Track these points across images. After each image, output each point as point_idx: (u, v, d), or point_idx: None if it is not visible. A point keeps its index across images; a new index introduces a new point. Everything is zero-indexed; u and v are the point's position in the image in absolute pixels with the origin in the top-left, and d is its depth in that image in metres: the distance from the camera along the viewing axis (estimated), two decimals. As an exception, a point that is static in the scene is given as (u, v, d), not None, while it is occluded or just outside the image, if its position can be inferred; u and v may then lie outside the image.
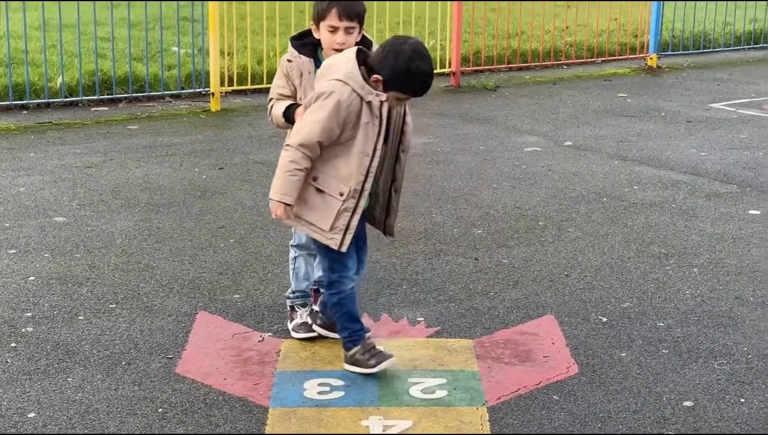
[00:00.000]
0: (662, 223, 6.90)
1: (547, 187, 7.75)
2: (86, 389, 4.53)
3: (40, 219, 6.84)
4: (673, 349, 4.99)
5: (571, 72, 13.13)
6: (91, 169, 8.09)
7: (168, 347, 4.97)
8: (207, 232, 6.64)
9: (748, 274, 5.97)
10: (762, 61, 14.24)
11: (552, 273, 5.98)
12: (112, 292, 5.62)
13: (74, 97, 10.45)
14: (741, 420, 4.32)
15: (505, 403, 4.45)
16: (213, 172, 8.10)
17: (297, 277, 5.14)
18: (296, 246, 5.13)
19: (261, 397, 4.48)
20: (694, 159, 8.66)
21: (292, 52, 4.87)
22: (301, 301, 5.13)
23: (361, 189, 4.49)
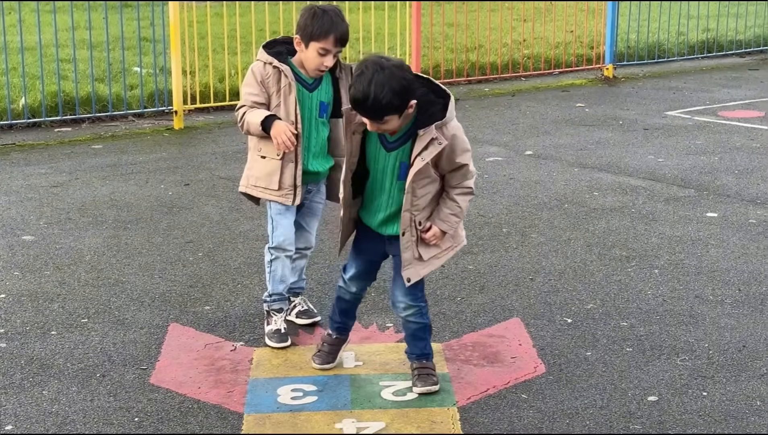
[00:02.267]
0: (623, 227, 7.04)
1: (509, 195, 7.88)
2: (62, 401, 4.59)
3: (8, 238, 6.88)
4: (636, 347, 5.12)
5: (529, 84, 13.31)
6: (56, 189, 8.14)
7: (141, 359, 5.03)
8: (175, 246, 6.71)
9: (707, 274, 6.12)
10: (715, 69, 14.49)
11: (517, 277, 6.10)
12: (84, 307, 5.67)
13: (37, 118, 10.48)
14: (704, 413, 4.45)
15: (475, 402, 4.56)
16: (179, 188, 8.17)
17: (273, 280, 5.21)
18: (273, 248, 5.18)
19: (235, 404, 4.56)
20: (652, 165, 8.83)
21: (270, 60, 4.95)
22: (277, 305, 5.21)
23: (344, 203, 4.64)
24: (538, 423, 4.36)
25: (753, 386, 4.68)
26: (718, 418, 4.40)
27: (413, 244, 4.48)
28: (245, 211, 7.43)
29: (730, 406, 4.50)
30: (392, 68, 4.19)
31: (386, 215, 4.53)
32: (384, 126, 4.28)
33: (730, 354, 5.03)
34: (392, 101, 4.17)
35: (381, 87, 4.13)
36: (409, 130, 4.36)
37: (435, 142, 4.28)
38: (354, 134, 4.41)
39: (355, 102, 4.22)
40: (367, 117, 4.26)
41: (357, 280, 4.76)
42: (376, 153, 4.44)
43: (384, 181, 4.47)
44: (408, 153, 4.37)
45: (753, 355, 5.02)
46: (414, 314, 4.62)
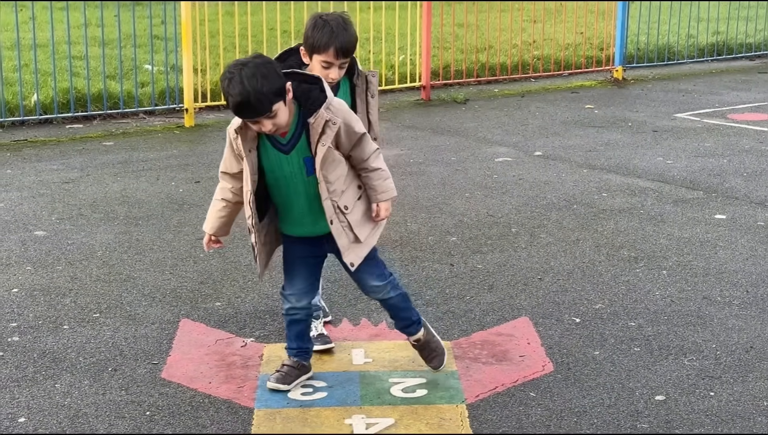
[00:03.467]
0: (631, 228, 7.07)
1: (518, 195, 7.91)
2: (74, 394, 4.63)
3: (20, 233, 6.93)
4: (644, 346, 5.15)
5: (538, 85, 13.34)
6: (68, 185, 8.19)
7: (153, 353, 5.07)
8: (186, 243, 6.75)
9: (715, 275, 6.15)
10: (725, 72, 14.50)
11: (526, 277, 6.13)
12: (95, 302, 5.72)
13: (49, 115, 10.54)
14: (711, 412, 4.48)
15: (484, 400, 4.59)
16: (189, 185, 8.22)
17: None
18: None
19: (246, 399, 4.60)
20: (660, 167, 8.85)
21: None
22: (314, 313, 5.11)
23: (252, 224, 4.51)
24: (546, 421, 4.39)
25: (760, 387, 4.71)
26: (725, 418, 4.43)
27: (345, 228, 4.45)
28: (256, 209, 7.47)
29: (737, 407, 4.53)
30: (252, 60, 4.18)
31: (311, 217, 4.47)
32: (277, 120, 4.21)
33: (738, 355, 5.06)
34: (272, 86, 4.13)
35: (254, 79, 4.09)
36: (297, 125, 4.33)
37: (330, 124, 4.28)
38: (250, 151, 4.33)
39: (239, 106, 4.14)
40: (256, 115, 4.17)
41: (303, 293, 4.63)
42: (278, 161, 4.37)
43: (296, 184, 4.41)
44: (306, 147, 4.34)
45: (760, 355, 5.04)
46: (389, 289, 4.66)
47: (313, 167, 4.35)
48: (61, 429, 4.31)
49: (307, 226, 4.50)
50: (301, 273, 4.62)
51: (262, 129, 4.23)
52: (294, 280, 4.62)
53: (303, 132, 4.34)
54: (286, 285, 4.65)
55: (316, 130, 4.29)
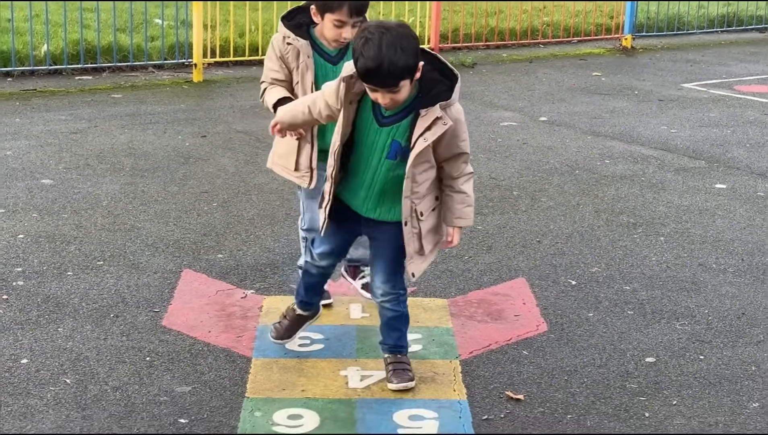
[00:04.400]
0: (632, 195, 7.14)
1: (521, 159, 7.98)
2: (76, 338, 4.73)
3: (27, 181, 7.01)
4: (637, 310, 5.23)
5: (547, 51, 13.35)
6: (76, 135, 8.26)
7: (154, 302, 5.17)
8: (191, 196, 6.84)
9: (712, 243, 6.22)
10: (734, 43, 14.49)
11: (525, 239, 6.21)
12: (100, 250, 5.81)
13: (59, 66, 10.60)
14: (699, 375, 4.56)
15: (477, 356, 4.68)
16: (196, 139, 8.29)
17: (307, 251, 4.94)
18: (305, 230, 4.93)
19: (244, 349, 4.69)
20: (664, 135, 8.90)
21: (288, 34, 4.66)
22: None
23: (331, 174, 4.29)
24: (537, 378, 4.48)
25: (749, 352, 4.80)
26: (713, 381, 4.51)
27: (415, 236, 4.23)
28: (260, 165, 7.54)
29: (725, 370, 4.61)
30: (397, 28, 3.95)
31: (367, 195, 4.25)
32: (397, 95, 3.99)
33: (729, 320, 5.14)
34: (408, 61, 3.90)
35: (393, 49, 3.87)
36: (407, 107, 4.09)
37: (440, 122, 4.03)
38: (351, 103, 4.12)
39: (368, 71, 3.92)
40: (381, 85, 3.96)
41: (327, 256, 4.48)
42: (368, 127, 4.15)
43: (371, 157, 4.18)
44: (404, 132, 4.11)
45: (751, 322, 5.13)
46: (391, 301, 4.41)
47: (397, 153, 4.12)
48: (63, 371, 4.41)
49: (358, 201, 4.27)
50: (336, 241, 4.42)
51: (379, 99, 4.02)
52: (326, 242, 4.42)
53: (408, 117, 4.09)
54: (318, 243, 4.46)
55: (424, 123, 4.05)
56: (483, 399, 4.31)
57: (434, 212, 4.27)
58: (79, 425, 4.00)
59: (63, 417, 4.05)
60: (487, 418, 4.16)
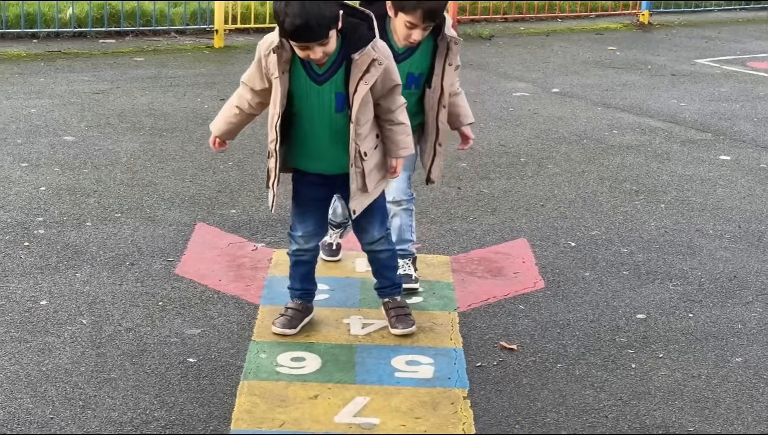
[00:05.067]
0: (636, 164, 7.32)
1: (531, 128, 8.16)
2: (93, 283, 4.97)
3: (50, 137, 7.25)
4: (633, 271, 5.43)
5: (564, 25, 13.50)
6: (98, 95, 8.50)
7: (168, 252, 5.40)
8: (207, 155, 7.06)
9: (711, 211, 6.40)
10: (751, 21, 14.59)
11: (529, 203, 6.40)
12: (118, 204, 6.04)
13: (83, 29, 10.83)
14: (687, 331, 4.76)
15: (475, 309, 4.89)
16: (215, 102, 8.50)
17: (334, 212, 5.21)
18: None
19: (252, 297, 4.92)
20: (674, 108, 9.07)
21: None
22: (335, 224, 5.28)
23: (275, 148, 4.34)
24: (531, 331, 4.69)
25: (737, 312, 4.99)
26: (700, 337, 4.71)
27: (358, 174, 4.30)
28: (276, 127, 7.77)
29: (712, 327, 4.81)
30: None
31: (331, 153, 4.32)
32: (327, 46, 4.06)
33: (721, 282, 5.33)
34: (332, 11, 4.00)
35: (314, 2, 3.96)
36: (336, 58, 4.16)
37: (375, 63, 4.13)
38: (283, 73, 4.15)
39: (297, 29, 3.96)
40: (312, 39, 4.00)
41: (312, 234, 4.54)
42: (307, 90, 4.21)
43: (321, 118, 4.25)
44: (342, 82, 4.18)
45: (742, 284, 5.31)
46: (383, 241, 4.55)
47: (343, 104, 4.21)
48: (80, 312, 4.65)
49: (325, 163, 4.36)
50: (312, 215, 4.51)
51: (311, 55, 4.06)
52: (305, 221, 4.51)
53: (341, 66, 4.17)
54: (297, 226, 4.54)
55: (360, 68, 4.13)
56: (478, 348, 4.52)
57: (376, 150, 4.36)
58: (93, 361, 4.23)
59: (78, 354, 4.29)
60: (480, 365, 4.36)
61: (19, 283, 4.93)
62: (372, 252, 4.61)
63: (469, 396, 4.11)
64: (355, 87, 4.16)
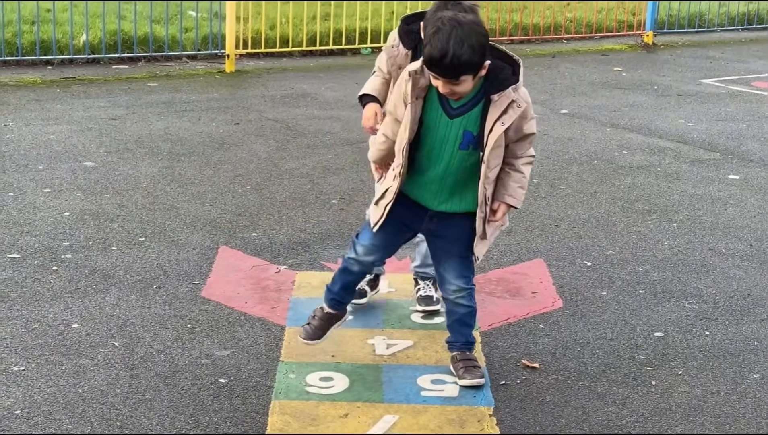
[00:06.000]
0: (647, 184, 7.44)
1: (542, 149, 8.28)
2: (122, 307, 5.08)
3: (70, 163, 7.38)
4: (648, 289, 5.54)
5: (570, 46, 13.66)
6: (115, 121, 8.63)
7: (193, 275, 5.51)
8: (225, 179, 7.18)
9: (723, 230, 6.52)
10: (754, 41, 14.75)
11: (543, 223, 6.52)
12: (141, 228, 6.16)
13: (97, 55, 10.98)
14: (705, 349, 4.87)
15: (496, 329, 5.01)
16: (229, 126, 8.64)
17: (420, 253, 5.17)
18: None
19: (278, 318, 5.03)
20: (681, 128, 9.20)
21: (395, 37, 4.76)
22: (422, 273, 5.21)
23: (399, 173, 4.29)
24: (552, 349, 4.80)
25: (753, 329, 5.10)
26: (717, 354, 4.82)
27: (480, 220, 4.30)
28: (291, 151, 7.91)
29: (729, 345, 4.92)
30: (471, 24, 4.00)
31: (440, 188, 4.30)
32: (458, 87, 4.05)
33: (735, 300, 5.44)
34: (472, 58, 3.96)
35: (460, 43, 3.93)
36: (475, 96, 4.16)
37: (514, 105, 4.11)
38: (417, 99, 4.17)
39: (432, 60, 3.98)
40: (442, 76, 4.02)
41: (375, 250, 4.47)
42: (437, 120, 4.20)
43: (443, 150, 4.22)
44: (475, 121, 4.17)
45: (757, 302, 5.43)
46: (465, 296, 4.49)
47: (469, 142, 4.18)
48: (111, 335, 4.76)
49: (429, 196, 4.32)
50: (388, 233, 4.42)
51: (440, 88, 4.09)
52: (378, 234, 4.41)
53: (478, 105, 4.16)
54: (365, 234, 4.46)
55: (498, 108, 4.12)
56: (501, 366, 4.63)
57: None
58: (127, 383, 4.34)
59: (113, 375, 4.40)
60: (505, 383, 4.48)
61: (50, 306, 5.04)
62: (451, 302, 4.51)
63: (495, 413, 4.22)
64: (492, 126, 4.14)
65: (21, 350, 4.59)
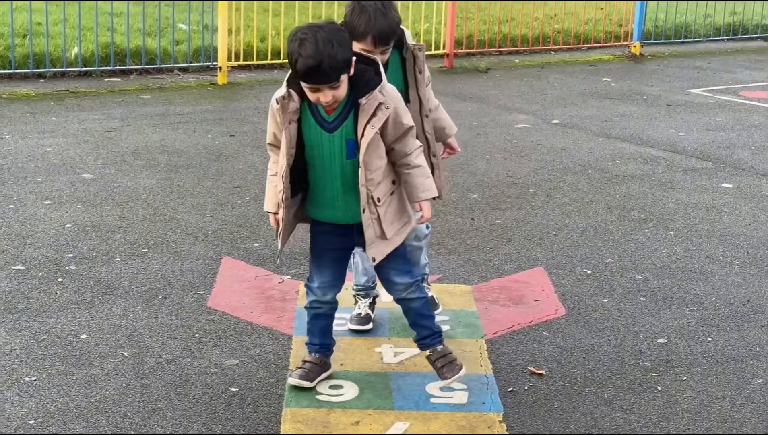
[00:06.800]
0: (642, 193, 7.51)
1: (536, 159, 8.35)
2: (129, 317, 5.11)
3: (69, 175, 7.40)
4: (649, 297, 5.60)
5: (558, 57, 13.74)
6: (110, 133, 8.65)
7: (198, 285, 5.54)
8: (224, 190, 7.21)
9: (719, 237, 6.59)
10: (740, 51, 14.88)
11: (542, 232, 6.58)
12: (143, 239, 6.19)
13: (89, 68, 11.00)
14: (708, 355, 4.93)
15: (501, 336, 5.05)
16: (225, 138, 8.67)
17: (356, 272, 5.15)
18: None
19: (285, 327, 5.07)
20: (673, 138, 9.28)
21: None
22: (363, 292, 5.19)
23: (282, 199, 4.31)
24: (557, 356, 4.85)
25: (754, 335, 5.17)
26: (720, 360, 4.88)
27: (374, 221, 4.25)
28: (288, 162, 7.94)
29: (731, 351, 4.98)
30: (328, 25, 4.03)
31: (345, 201, 4.27)
32: (339, 91, 4.05)
33: (735, 307, 5.50)
34: (345, 55, 4.00)
35: (329, 44, 3.94)
36: (345, 105, 4.14)
37: (383, 107, 4.11)
38: (290, 123, 4.13)
39: (309, 69, 3.95)
40: (323, 82, 3.99)
41: (329, 286, 4.46)
42: (318, 138, 4.17)
43: (333, 165, 4.20)
44: (352, 128, 4.15)
45: (756, 308, 5.49)
46: (414, 290, 4.45)
47: (354, 150, 4.17)
48: (119, 345, 4.79)
49: (339, 211, 4.31)
50: (329, 265, 4.44)
51: (321, 99, 4.05)
52: (322, 272, 4.44)
53: (351, 112, 4.15)
54: (314, 277, 4.47)
55: (367, 112, 4.12)
56: (508, 373, 4.68)
57: (393, 196, 4.31)
58: (139, 393, 4.37)
59: (124, 385, 4.43)
60: (512, 390, 4.52)
61: (57, 317, 5.06)
62: (403, 301, 4.49)
63: (504, 420, 4.27)
64: (363, 131, 4.13)
65: (31, 361, 4.62)
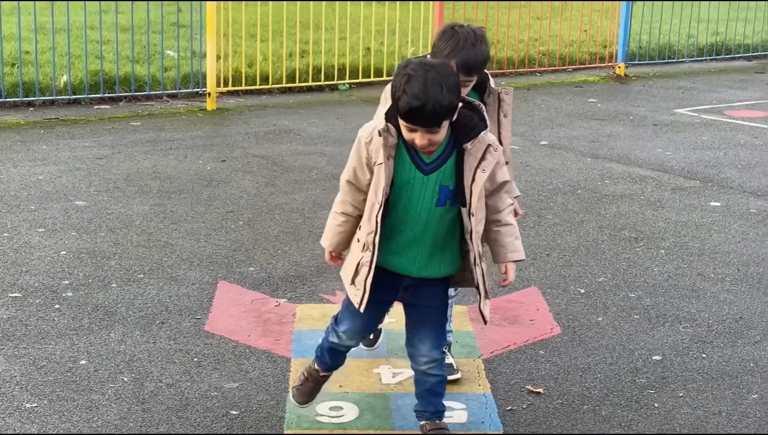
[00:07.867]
0: (632, 212, 7.58)
1: (526, 180, 8.41)
2: (128, 342, 5.13)
3: (62, 202, 7.42)
4: (643, 315, 5.65)
5: (543, 79, 13.84)
6: (101, 160, 8.68)
7: (195, 310, 5.57)
8: (217, 215, 7.25)
9: (709, 255, 6.65)
10: (723, 71, 15.01)
11: (534, 252, 6.63)
12: (139, 265, 6.21)
13: (78, 95, 11.03)
14: (703, 371, 4.98)
15: (498, 356, 5.10)
16: (216, 164, 8.71)
17: None
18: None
19: (283, 350, 5.10)
20: (660, 157, 9.36)
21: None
22: None
23: (372, 241, 3.94)
24: (554, 375, 4.89)
25: (747, 351, 5.22)
26: (716, 376, 4.93)
27: (480, 277, 4.02)
28: (280, 186, 7.99)
29: (726, 367, 5.03)
30: (440, 66, 3.81)
31: (419, 251, 3.98)
32: (436, 136, 3.80)
33: (728, 324, 5.56)
34: (452, 101, 3.75)
35: (438, 87, 3.71)
36: (444, 149, 3.90)
37: (491, 150, 3.87)
38: (388, 159, 3.86)
39: (411, 110, 3.72)
40: (422, 125, 3.76)
41: (357, 334, 4.26)
42: (411, 178, 3.90)
43: (419, 210, 3.92)
44: (450, 174, 3.90)
45: (749, 325, 5.55)
46: (436, 366, 4.18)
47: (446, 198, 3.91)
48: (119, 370, 4.81)
49: (406, 260, 3.99)
50: (365, 316, 4.15)
51: (417, 141, 3.81)
52: (354, 319, 4.18)
53: (450, 157, 3.90)
54: (344, 320, 4.22)
55: (475, 156, 3.86)
56: (506, 392, 4.72)
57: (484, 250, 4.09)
58: (140, 417, 4.39)
59: (125, 410, 4.45)
60: (511, 409, 4.56)
61: (56, 344, 5.09)
62: (422, 374, 4.20)
63: (504, 438, 4.31)
64: (473, 176, 3.88)
65: (32, 387, 4.64)
